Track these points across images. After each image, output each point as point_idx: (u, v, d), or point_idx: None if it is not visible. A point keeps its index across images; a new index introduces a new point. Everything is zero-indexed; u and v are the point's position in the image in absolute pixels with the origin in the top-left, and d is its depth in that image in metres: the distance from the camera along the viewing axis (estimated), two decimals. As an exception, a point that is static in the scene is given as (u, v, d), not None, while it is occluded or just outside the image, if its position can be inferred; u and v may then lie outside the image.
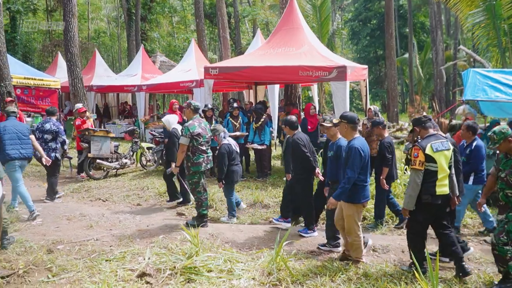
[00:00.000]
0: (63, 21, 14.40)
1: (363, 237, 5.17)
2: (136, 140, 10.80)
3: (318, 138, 9.52)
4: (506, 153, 4.50)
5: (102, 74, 19.48)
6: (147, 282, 4.42)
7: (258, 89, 12.46)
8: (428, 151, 4.47)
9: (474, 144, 6.05)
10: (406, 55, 33.00)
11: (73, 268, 4.76)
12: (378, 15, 36.48)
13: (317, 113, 10.93)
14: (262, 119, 9.49)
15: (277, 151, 12.51)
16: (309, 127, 9.65)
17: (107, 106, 21.54)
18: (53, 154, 7.99)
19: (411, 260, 4.69)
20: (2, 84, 11.05)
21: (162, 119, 8.46)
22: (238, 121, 9.72)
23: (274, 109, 12.79)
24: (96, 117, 15.78)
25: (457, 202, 4.89)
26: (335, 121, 5.36)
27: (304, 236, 6.10)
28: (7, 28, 23.06)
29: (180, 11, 38.27)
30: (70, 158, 10.19)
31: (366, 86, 10.45)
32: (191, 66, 15.48)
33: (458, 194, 4.87)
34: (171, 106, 11.11)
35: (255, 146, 9.43)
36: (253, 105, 12.15)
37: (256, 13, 27.74)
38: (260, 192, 8.45)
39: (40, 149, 7.50)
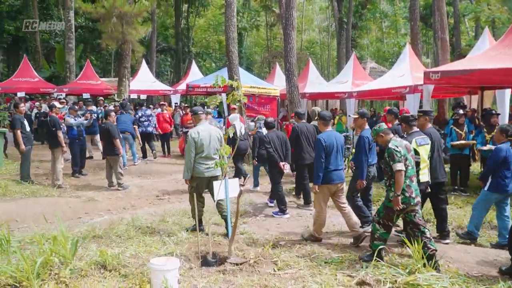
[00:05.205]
0: (282, 34, 15.52)
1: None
2: (348, 146, 10.89)
3: None
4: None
5: (314, 82, 20.35)
6: (367, 291, 4.34)
7: (484, 94, 11.10)
8: (413, 145, 5.42)
9: (498, 146, 5.98)
10: None
11: (295, 265, 5.01)
12: None
13: None
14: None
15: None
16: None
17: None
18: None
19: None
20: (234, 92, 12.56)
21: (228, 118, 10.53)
22: (464, 130, 8.82)
23: (503, 116, 11.17)
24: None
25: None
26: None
27: (274, 216, 7.39)
28: (236, 43, 26.53)
29: (391, 15, 37.32)
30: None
31: None
32: (404, 72, 14.76)
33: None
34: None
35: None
36: (475, 112, 10.93)
37: (480, 10, 24.89)
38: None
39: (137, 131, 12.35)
